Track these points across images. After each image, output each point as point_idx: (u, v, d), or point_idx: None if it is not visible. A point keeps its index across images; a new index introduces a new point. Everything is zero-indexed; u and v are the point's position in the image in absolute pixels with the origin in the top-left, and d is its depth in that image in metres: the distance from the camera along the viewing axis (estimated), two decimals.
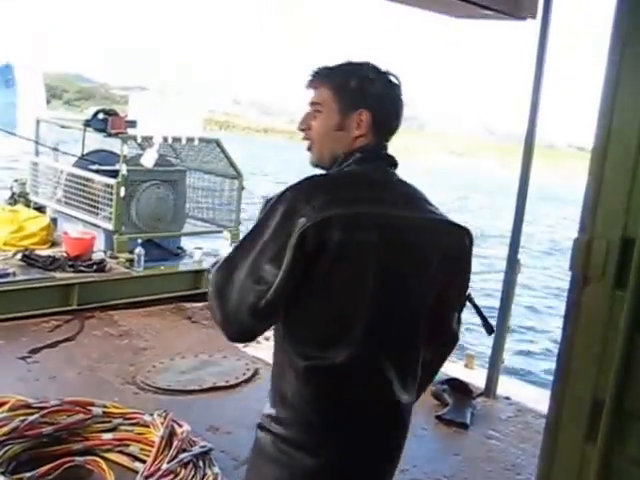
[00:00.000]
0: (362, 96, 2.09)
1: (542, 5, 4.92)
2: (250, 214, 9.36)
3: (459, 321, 2.36)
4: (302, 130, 2.17)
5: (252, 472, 2.21)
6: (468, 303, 2.43)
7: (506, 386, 5.93)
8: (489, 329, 2.98)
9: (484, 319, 2.82)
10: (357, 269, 2.01)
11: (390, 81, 2.14)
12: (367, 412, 2.14)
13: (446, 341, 2.40)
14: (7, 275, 6.33)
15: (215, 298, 2.04)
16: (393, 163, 2.18)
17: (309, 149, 2.18)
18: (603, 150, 1.81)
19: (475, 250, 2.27)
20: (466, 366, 6.84)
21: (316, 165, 2.20)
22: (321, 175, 2.15)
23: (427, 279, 2.15)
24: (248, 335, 2.12)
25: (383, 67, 2.15)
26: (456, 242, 2.19)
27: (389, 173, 2.16)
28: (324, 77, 2.13)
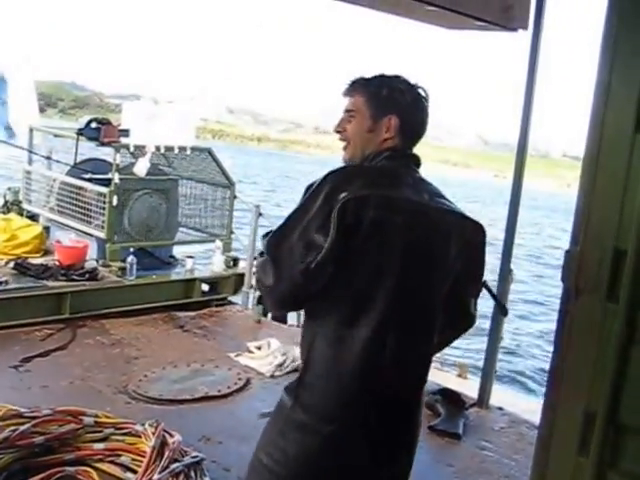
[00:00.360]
0: (392, 104, 2.39)
1: (533, 16, 4.95)
2: (242, 222, 9.39)
3: (475, 306, 2.59)
4: (338, 132, 2.47)
5: (268, 430, 2.45)
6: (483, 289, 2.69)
7: (499, 396, 5.92)
8: (504, 311, 3.85)
9: (499, 302, 3.40)
10: (385, 249, 2.26)
11: (418, 93, 2.45)
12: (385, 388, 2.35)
13: (465, 326, 2.65)
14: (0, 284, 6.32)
15: (270, 261, 2.27)
16: (417, 163, 2.48)
17: (344, 148, 2.47)
18: (594, 161, 1.81)
19: None
20: (459, 376, 6.85)
21: (348, 162, 2.47)
22: (356, 165, 2.44)
23: (446, 266, 2.40)
24: (294, 298, 2.35)
25: (413, 81, 2.46)
26: (474, 233, 2.46)
27: (414, 170, 2.44)
28: (360, 86, 2.44)
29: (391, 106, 2.39)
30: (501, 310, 3.51)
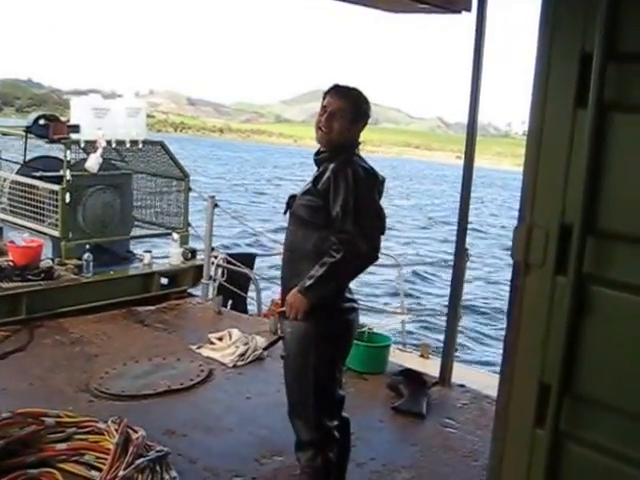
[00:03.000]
0: (366, 115, 3.50)
1: None
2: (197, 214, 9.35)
3: None
4: (322, 126, 3.43)
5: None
6: None
7: (461, 374, 5.99)
8: None
9: None
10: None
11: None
12: None
13: None
14: None
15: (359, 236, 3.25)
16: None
17: (324, 133, 3.43)
18: (537, 138, 1.83)
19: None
20: (421, 356, 6.91)
21: (324, 145, 3.47)
22: (355, 159, 3.42)
23: None
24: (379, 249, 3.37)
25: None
26: None
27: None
28: (344, 94, 3.44)
29: (365, 116, 3.49)
30: None
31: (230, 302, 7.88)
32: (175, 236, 7.78)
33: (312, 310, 3.33)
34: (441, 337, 6.24)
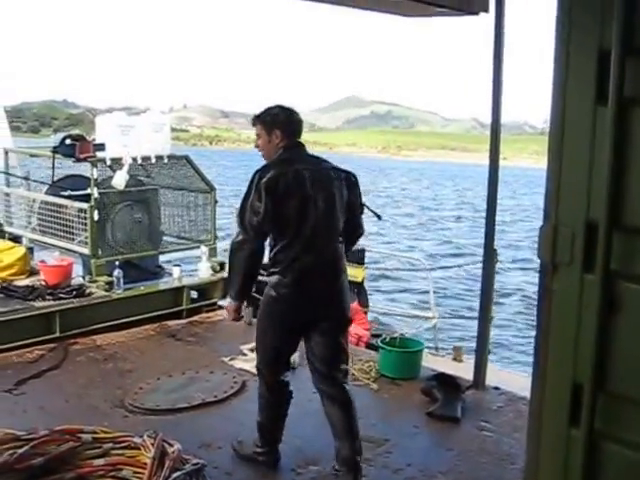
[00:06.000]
0: (273, 123, 4.12)
1: None
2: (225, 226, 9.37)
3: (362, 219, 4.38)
4: (256, 147, 4.23)
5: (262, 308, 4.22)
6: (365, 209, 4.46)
7: (495, 376, 5.95)
8: (378, 216, 5.54)
9: (373, 211, 5.13)
10: (291, 200, 3.95)
11: (289, 109, 4.20)
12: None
13: (359, 233, 4.40)
14: None
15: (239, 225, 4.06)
16: (303, 147, 4.21)
17: (261, 154, 4.21)
18: (559, 136, 1.82)
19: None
20: (455, 359, 6.88)
21: (266, 160, 4.15)
22: (269, 163, 4.11)
23: (341, 198, 4.10)
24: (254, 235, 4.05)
25: (286, 105, 4.23)
26: (350, 176, 4.20)
27: (302, 153, 4.20)
28: (256, 119, 4.20)
29: (273, 125, 4.11)
30: (376, 216, 5.47)
31: None
32: (204, 249, 7.82)
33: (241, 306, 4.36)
34: (473, 340, 6.19)
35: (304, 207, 3.95)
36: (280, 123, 4.09)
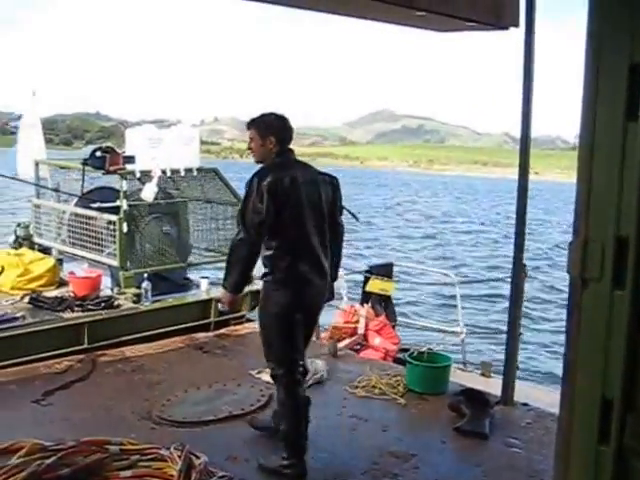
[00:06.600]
0: (268, 130, 4.44)
1: (524, 12, 4.93)
2: None
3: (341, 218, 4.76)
4: (249, 149, 4.55)
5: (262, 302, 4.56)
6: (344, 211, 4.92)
7: (523, 392, 5.90)
8: (355, 217, 6.08)
9: (351, 213, 5.72)
10: (292, 201, 4.30)
11: (282, 118, 4.54)
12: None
13: (340, 229, 4.72)
14: (16, 319, 6.36)
15: (241, 226, 4.39)
16: (293, 153, 4.57)
17: (253, 157, 4.55)
18: (589, 151, 1.81)
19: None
20: (483, 375, 6.83)
21: (257, 162, 4.51)
22: (265, 166, 4.44)
23: (327, 199, 4.50)
24: (255, 236, 4.37)
25: (279, 113, 4.57)
26: (333, 180, 4.63)
27: (292, 158, 4.56)
28: (251, 123, 4.51)
29: (268, 131, 4.43)
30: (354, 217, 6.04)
31: None
32: None
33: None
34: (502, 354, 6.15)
35: (299, 211, 4.34)
36: (275, 130, 4.46)
